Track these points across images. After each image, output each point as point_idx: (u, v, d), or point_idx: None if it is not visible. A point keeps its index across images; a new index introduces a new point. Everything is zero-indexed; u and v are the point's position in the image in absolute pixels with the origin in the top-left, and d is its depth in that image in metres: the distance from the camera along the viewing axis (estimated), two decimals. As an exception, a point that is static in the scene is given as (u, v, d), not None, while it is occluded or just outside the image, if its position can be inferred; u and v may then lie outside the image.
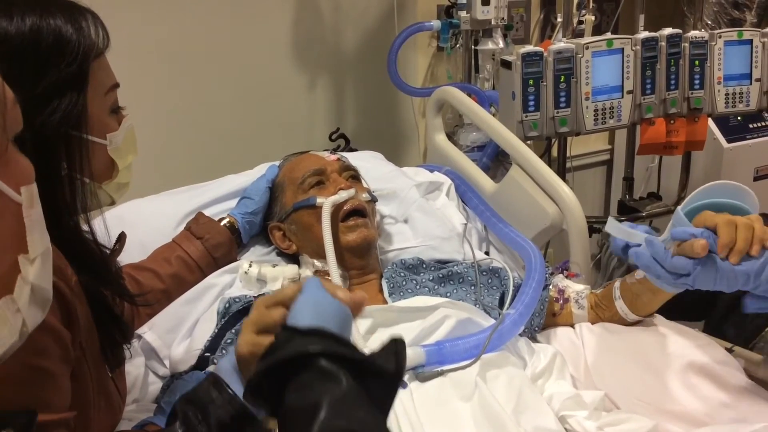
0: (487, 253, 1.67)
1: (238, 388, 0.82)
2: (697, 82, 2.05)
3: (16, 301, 0.56)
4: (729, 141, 2.56)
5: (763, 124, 2.61)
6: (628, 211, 2.32)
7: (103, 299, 0.94)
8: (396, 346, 0.73)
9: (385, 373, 0.70)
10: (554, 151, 2.42)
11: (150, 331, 1.31)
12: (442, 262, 1.53)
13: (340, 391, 0.66)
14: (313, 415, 0.64)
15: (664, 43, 1.98)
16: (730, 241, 1.07)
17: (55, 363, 0.80)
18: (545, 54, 1.88)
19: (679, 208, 1.16)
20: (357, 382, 0.68)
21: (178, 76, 2.13)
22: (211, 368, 1.21)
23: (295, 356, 0.68)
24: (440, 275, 1.45)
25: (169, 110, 2.13)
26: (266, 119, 2.30)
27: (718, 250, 1.07)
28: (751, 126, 2.62)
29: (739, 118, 2.58)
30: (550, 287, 1.47)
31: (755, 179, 2.58)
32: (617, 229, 1.18)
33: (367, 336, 1.23)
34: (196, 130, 2.19)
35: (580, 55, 1.91)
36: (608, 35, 1.99)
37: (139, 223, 1.48)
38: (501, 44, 2.28)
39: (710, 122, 2.30)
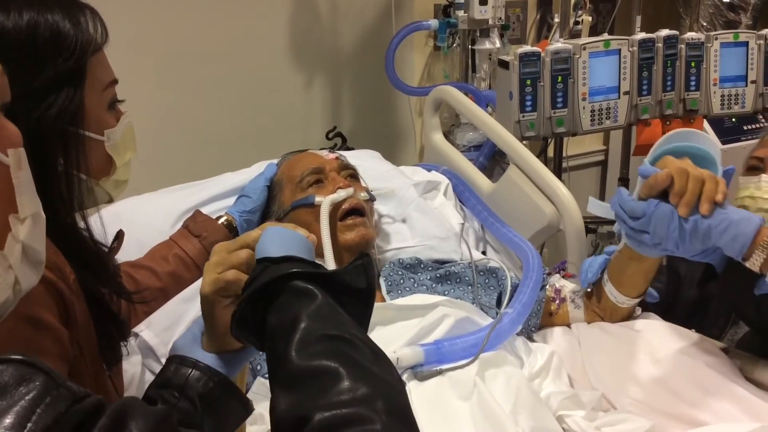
0: (484, 252, 1.67)
1: (201, 356, 0.84)
2: (693, 83, 2.06)
3: (7, 257, 0.57)
4: (724, 142, 2.57)
5: (758, 125, 2.63)
6: (623, 212, 2.32)
7: (101, 297, 0.94)
8: (363, 262, 0.77)
9: (356, 287, 0.75)
10: (549, 151, 2.42)
11: (147, 329, 1.30)
12: (440, 262, 1.53)
13: (316, 305, 0.71)
14: (293, 327, 0.68)
15: (660, 45, 1.99)
16: (680, 189, 1.10)
17: (53, 361, 0.80)
18: (543, 54, 1.89)
19: (645, 158, 1.20)
20: (331, 297, 0.73)
21: (174, 74, 2.12)
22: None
23: (271, 281, 0.73)
24: (438, 275, 1.45)
25: (165, 108, 2.12)
26: (263, 117, 2.30)
27: (670, 198, 1.10)
28: (745, 128, 2.63)
29: (733, 119, 2.59)
30: (547, 287, 1.47)
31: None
32: (598, 207, 1.21)
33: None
34: (192, 128, 2.18)
35: (578, 56, 1.91)
36: (605, 36, 1.99)
37: (136, 220, 1.47)
38: (498, 44, 2.29)
39: (705, 123, 2.31)
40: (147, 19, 2.02)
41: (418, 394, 1.14)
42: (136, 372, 1.27)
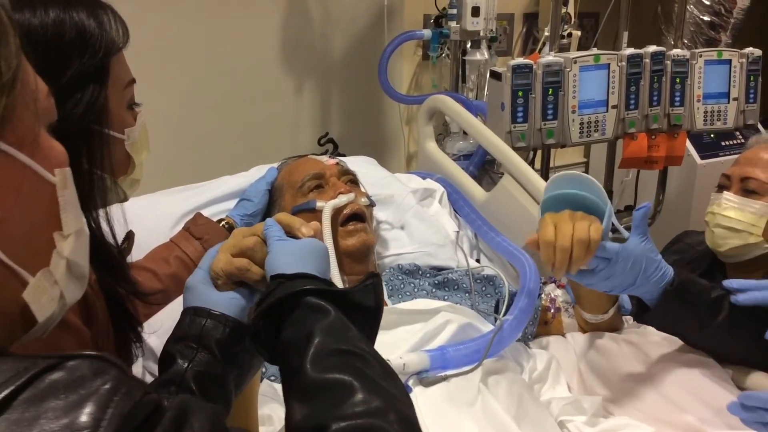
0: (477, 260, 1.69)
1: (216, 297, 0.86)
2: (677, 99, 2.11)
3: (53, 273, 0.60)
4: (702, 158, 2.64)
5: (735, 141, 2.70)
6: (607, 223, 2.37)
7: (119, 298, 0.93)
8: (373, 282, 0.81)
9: (365, 306, 0.79)
10: (536, 163, 2.45)
11: (148, 332, 1.29)
12: (437, 269, 1.54)
13: (329, 320, 0.74)
14: (307, 341, 0.71)
15: (648, 60, 2.03)
16: (547, 260, 1.15)
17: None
18: (535, 67, 1.92)
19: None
20: (342, 313, 0.76)
21: (164, 79, 2.11)
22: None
23: (286, 297, 0.76)
24: (436, 281, 1.47)
25: (155, 112, 2.07)
26: (253, 122, 2.29)
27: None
28: (723, 143, 2.70)
29: (712, 135, 2.66)
30: (542, 296, 1.49)
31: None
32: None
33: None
34: (182, 132, 2.17)
35: (569, 69, 1.95)
36: (595, 50, 2.04)
37: (135, 222, 1.45)
38: (486, 55, 2.32)
39: (687, 143, 2.36)
40: (136, 22, 1.99)
41: (424, 400, 1.15)
42: (137, 374, 1.26)
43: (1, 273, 0.56)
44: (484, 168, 2.17)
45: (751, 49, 2.14)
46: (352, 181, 1.55)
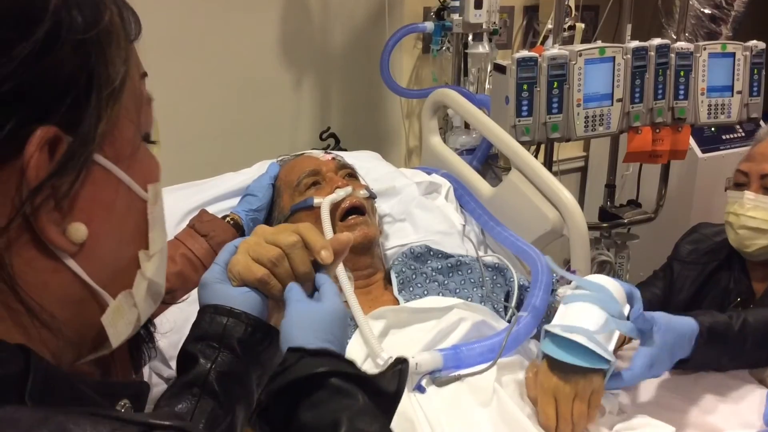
0: (484, 256, 1.66)
1: (233, 294, 0.83)
2: (681, 92, 2.09)
3: (134, 295, 0.57)
4: (704, 151, 2.63)
5: (736, 135, 2.69)
6: (610, 218, 2.35)
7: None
8: (401, 368, 0.75)
9: (387, 392, 0.73)
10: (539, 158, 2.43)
11: (161, 332, 1.26)
12: (447, 256, 1.52)
13: (358, 407, 0.68)
14: (334, 428, 0.66)
15: (653, 53, 2.01)
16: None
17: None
18: (539, 60, 1.89)
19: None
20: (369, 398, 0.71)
21: (162, 73, 2.05)
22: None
23: (308, 376, 0.70)
24: (449, 264, 1.44)
25: (154, 109, 2.07)
26: (252, 117, 2.26)
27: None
28: (724, 137, 2.69)
29: (713, 129, 2.64)
30: (557, 297, 1.47)
31: (726, 189, 2.64)
32: None
33: (381, 338, 1.21)
34: (181, 128, 2.13)
35: (574, 62, 1.92)
36: (599, 43, 2.01)
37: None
38: (488, 48, 2.29)
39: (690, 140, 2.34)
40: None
41: (438, 401, 1.13)
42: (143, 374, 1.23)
43: (82, 294, 0.53)
44: (488, 163, 2.15)
45: (755, 42, 2.13)
46: (350, 174, 1.53)
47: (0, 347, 0.47)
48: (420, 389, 1.14)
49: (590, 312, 1.15)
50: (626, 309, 1.16)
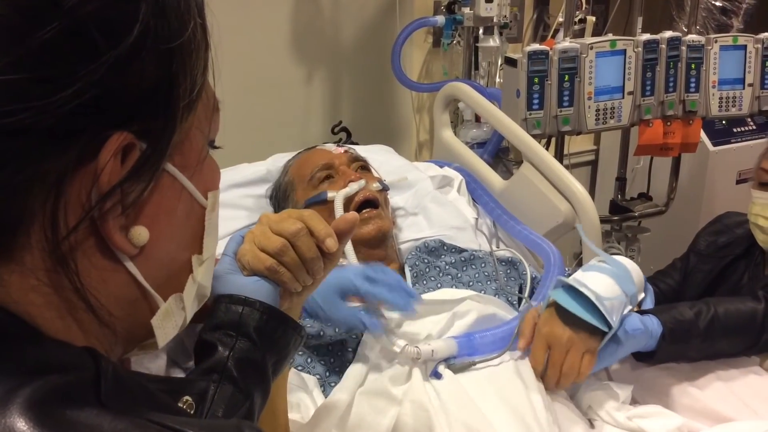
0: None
1: (244, 282, 0.84)
2: (692, 85, 2.09)
3: (184, 299, 0.58)
4: (714, 144, 2.62)
5: (747, 128, 2.68)
6: (621, 211, 2.36)
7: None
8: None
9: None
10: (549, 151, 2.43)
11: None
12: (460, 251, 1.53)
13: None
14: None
15: (664, 46, 2.02)
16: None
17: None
18: (551, 53, 1.90)
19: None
20: None
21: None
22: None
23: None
24: (462, 258, 1.46)
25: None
26: (262, 111, 2.27)
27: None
28: (735, 130, 2.68)
29: (724, 122, 2.64)
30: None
31: (737, 182, 2.64)
32: None
33: (396, 329, 1.22)
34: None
35: (585, 55, 1.93)
36: (611, 36, 2.02)
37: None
38: (498, 42, 2.30)
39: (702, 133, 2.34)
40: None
41: (454, 389, 1.14)
42: (160, 367, 1.25)
43: (136, 295, 0.54)
44: (498, 156, 2.16)
45: (766, 34, 2.12)
46: (363, 167, 1.54)
47: (69, 350, 0.48)
48: (437, 375, 1.16)
49: (606, 281, 1.17)
50: (640, 296, 1.17)
